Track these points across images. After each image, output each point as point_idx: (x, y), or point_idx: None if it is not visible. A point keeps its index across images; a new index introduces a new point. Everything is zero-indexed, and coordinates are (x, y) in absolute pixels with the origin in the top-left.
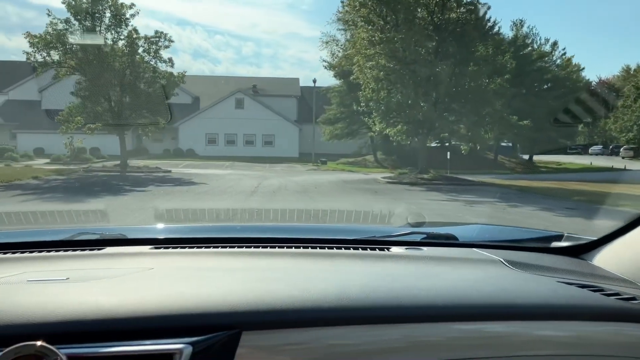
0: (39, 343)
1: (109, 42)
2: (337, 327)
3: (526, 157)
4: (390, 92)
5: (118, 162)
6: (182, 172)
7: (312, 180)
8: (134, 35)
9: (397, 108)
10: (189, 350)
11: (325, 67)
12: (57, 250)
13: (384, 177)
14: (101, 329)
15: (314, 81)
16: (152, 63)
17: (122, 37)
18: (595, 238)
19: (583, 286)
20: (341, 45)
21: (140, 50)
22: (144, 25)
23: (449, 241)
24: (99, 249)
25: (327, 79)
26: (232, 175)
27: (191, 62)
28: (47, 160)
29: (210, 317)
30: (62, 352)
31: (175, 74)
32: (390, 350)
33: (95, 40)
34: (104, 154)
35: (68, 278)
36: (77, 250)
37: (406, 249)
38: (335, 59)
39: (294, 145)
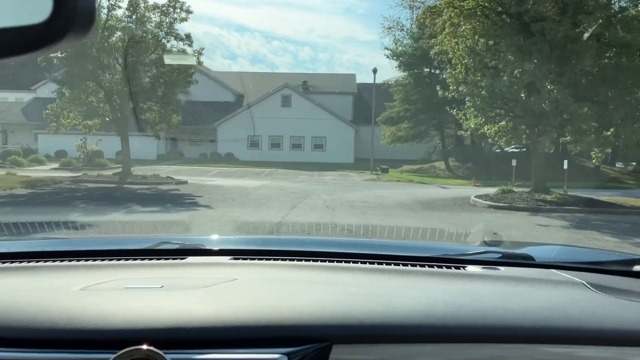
0: (146, 347)
1: (104, 9)
2: (424, 345)
3: (624, 164)
4: (492, 69)
5: (123, 169)
6: (201, 184)
7: (374, 199)
8: (140, 3)
9: (508, 93)
10: None
11: (387, 56)
12: (142, 259)
13: (479, 197)
14: (200, 336)
15: (374, 71)
16: (164, 41)
17: (120, 2)
18: None
19: None
20: (407, 30)
21: (151, 24)
22: (204, 31)
23: (526, 261)
24: (181, 258)
25: (388, 73)
26: (263, 189)
27: (249, 67)
28: (56, 165)
29: (304, 329)
30: (167, 357)
31: (190, 52)
32: None
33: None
34: (133, 157)
35: (163, 286)
36: (162, 259)
37: (482, 268)
38: (400, 47)
39: (348, 149)
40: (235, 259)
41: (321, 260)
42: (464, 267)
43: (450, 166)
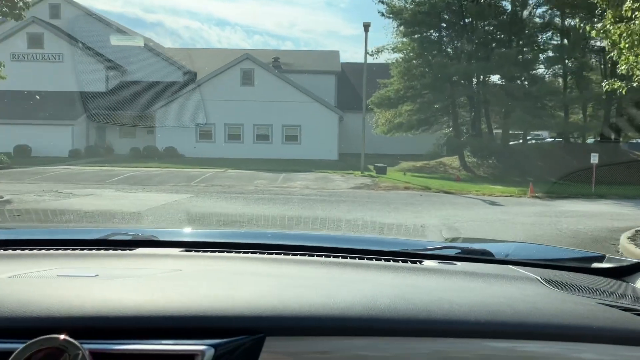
0: (62, 337)
1: None
2: (364, 338)
3: None
4: None
5: None
6: (32, 204)
7: None
8: None
9: None
10: (211, 352)
11: (383, 14)
12: (90, 249)
13: None
14: (123, 326)
15: (366, 27)
16: None
17: None
18: (639, 260)
19: (626, 309)
20: None
21: None
22: (184, 25)
23: (484, 257)
24: (131, 249)
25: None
26: (145, 221)
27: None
28: None
29: (234, 320)
30: (85, 347)
31: None
32: None
33: None
34: (40, 154)
35: (97, 275)
36: (111, 249)
37: (439, 263)
38: (399, 1)
39: (331, 141)
40: (187, 251)
41: (276, 253)
42: (420, 262)
43: (467, 163)
